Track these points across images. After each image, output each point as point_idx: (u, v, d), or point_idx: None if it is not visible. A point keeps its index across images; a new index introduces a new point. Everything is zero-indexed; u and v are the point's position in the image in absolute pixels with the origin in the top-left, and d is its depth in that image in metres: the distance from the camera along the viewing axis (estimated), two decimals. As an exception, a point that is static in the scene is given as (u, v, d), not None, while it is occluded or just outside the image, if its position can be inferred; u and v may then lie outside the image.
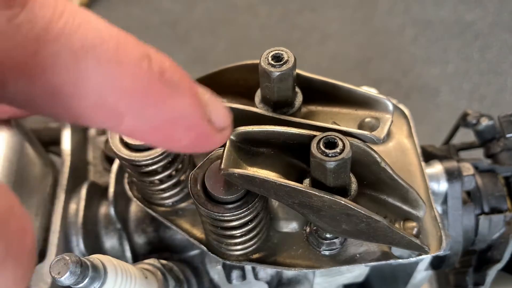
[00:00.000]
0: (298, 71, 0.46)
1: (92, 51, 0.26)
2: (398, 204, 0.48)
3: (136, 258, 0.61)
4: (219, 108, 0.33)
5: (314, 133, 0.40)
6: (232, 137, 0.42)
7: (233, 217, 0.44)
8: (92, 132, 0.71)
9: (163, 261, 0.55)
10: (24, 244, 0.23)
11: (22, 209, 0.23)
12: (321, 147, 0.38)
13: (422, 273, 0.59)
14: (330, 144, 0.39)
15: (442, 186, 0.61)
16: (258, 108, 0.47)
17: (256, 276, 0.57)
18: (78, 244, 0.58)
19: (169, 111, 0.29)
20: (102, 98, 0.26)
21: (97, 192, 0.63)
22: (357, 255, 0.50)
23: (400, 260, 0.50)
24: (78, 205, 0.60)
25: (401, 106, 0.60)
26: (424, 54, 1.92)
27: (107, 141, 0.67)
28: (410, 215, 0.48)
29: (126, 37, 0.28)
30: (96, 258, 0.42)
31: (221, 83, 0.53)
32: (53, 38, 0.25)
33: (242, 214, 0.44)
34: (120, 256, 0.61)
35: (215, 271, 0.60)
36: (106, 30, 0.27)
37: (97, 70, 0.26)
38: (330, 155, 0.38)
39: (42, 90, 0.25)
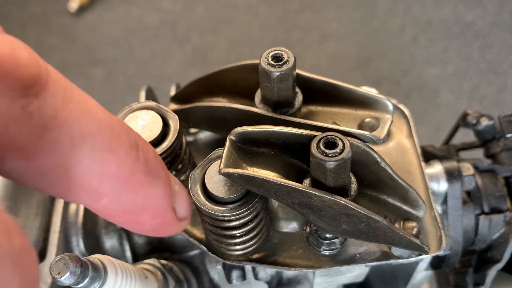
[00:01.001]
0: (298, 71, 0.46)
1: (89, 139, 0.28)
2: (398, 204, 0.48)
3: (136, 258, 0.61)
4: (184, 199, 0.36)
5: (314, 133, 0.40)
6: (232, 137, 0.42)
7: (233, 217, 0.44)
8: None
9: (163, 261, 0.55)
10: (35, 275, 0.25)
11: (29, 243, 0.26)
12: (321, 147, 0.38)
13: (422, 273, 0.59)
14: (330, 144, 0.39)
15: (442, 186, 0.61)
16: (258, 108, 0.47)
17: (256, 276, 0.57)
18: (78, 244, 0.59)
19: (143, 198, 0.31)
20: (87, 181, 0.28)
21: (97, 192, 0.63)
22: (357, 255, 0.50)
23: (400, 260, 0.50)
24: (78, 205, 0.60)
25: (401, 106, 0.60)
26: (424, 54, 1.93)
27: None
28: (410, 215, 0.48)
29: (121, 126, 0.30)
30: (96, 258, 0.42)
31: (221, 83, 0.53)
32: (57, 125, 0.26)
33: (242, 214, 0.44)
34: (120, 256, 0.61)
35: (215, 271, 0.60)
36: (104, 118, 0.29)
37: (89, 156, 0.28)
38: (330, 155, 0.38)
39: (35, 169, 0.27)
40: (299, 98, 0.48)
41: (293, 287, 0.61)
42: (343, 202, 0.39)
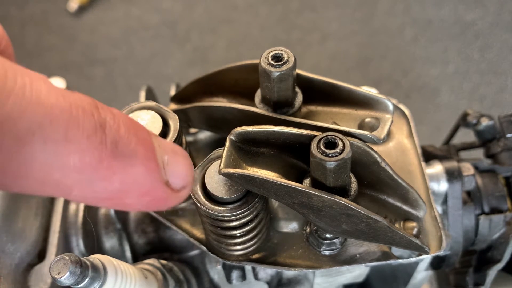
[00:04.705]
0: (298, 71, 0.46)
1: (39, 133, 0.24)
2: (398, 204, 0.48)
3: (136, 258, 0.61)
4: (179, 167, 0.32)
5: (314, 133, 0.40)
6: (232, 137, 0.42)
7: (233, 217, 0.44)
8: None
9: (163, 261, 0.55)
10: None
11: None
12: (321, 147, 0.38)
13: (422, 273, 0.59)
14: (330, 144, 0.39)
15: (442, 186, 0.61)
16: (258, 108, 0.47)
17: (256, 276, 0.57)
18: (78, 244, 0.58)
19: (119, 183, 0.28)
20: (48, 176, 0.25)
21: (97, 192, 0.63)
22: (357, 255, 0.50)
23: (400, 260, 0.49)
24: (78, 205, 0.60)
25: (401, 106, 0.60)
26: (424, 54, 1.92)
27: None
28: (410, 215, 0.48)
29: (81, 108, 0.26)
30: (96, 258, 0.42)
31: (221, 83, 0.53)
32: None
33: (242, 214, 0.44)
34: (120, 256, 0.61)
35: (215, 271, 0.60)
36: (57, 105, 0.25)
37: (42, 150, 0.24)
38: (330, 155, 0.38)
39: None
40: (299, 98, 0.48)
41: (293, 287, 0.61)
42: (343, 202, 0.39)
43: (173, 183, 0.31)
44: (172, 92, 0.62)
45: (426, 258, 0.54)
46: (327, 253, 0.50)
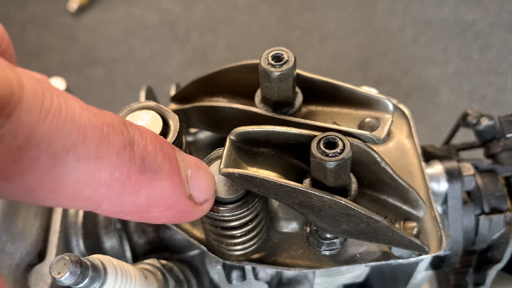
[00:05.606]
0: (298, 71, 0.46)
1: (73, 151, 0.25)
2: (398, 204, 0.48)
3: (136, 258, 0.61)
4: (202, 181, 0.33)
5: (314, 133, 0.40)
6: (232, 137, 0.42)
7: (233, 217, 0.44)
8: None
9: (163, 261, 0.55)
10: None
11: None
12: (321, 147, 0.38)
13: (422, 273, 0.59)
14: (330, 144, 0.39)
15: (442, 186, 0.61)
16: (258, 108, 0.47)
17: (256, 276, 0.57)
18: (78, 244, 0.58)
19: (146, 197, 0.29)
20: (79, 191, 0.26)
21: (97, 192, 0.63)
22: (357, 255, 0.50)
23: (400, 260, 0.49)
24: (78, 205, 0.60)
25: (401, 106, 0.60)
26: (424, 54, 1.92)
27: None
28: (410, 215, 0.48)
29: (112, 125, 0.27)
30: (96, 258, 0.42)
31: (221, 83, 0.53)
32: (34, 144, 0.24)
33: (242, 214, 0.44)
34: (120, 256, 0.60)
35: (215, 271, 0.60)
36: (90, 122, 0.26)
37: (75, 167, 0.25)
38: (330, 155, 0.38)
39: (18, 189, 0.25)
40: (299, 98, 0.48)
41: (293, 287, 0.61)
42: (343, 202, 0.39)
43: (196, 197, 0.32)
44: (172, 92, 0.62)
45: (426, 258, 0.54)
46: (327, 253, 0.50)
